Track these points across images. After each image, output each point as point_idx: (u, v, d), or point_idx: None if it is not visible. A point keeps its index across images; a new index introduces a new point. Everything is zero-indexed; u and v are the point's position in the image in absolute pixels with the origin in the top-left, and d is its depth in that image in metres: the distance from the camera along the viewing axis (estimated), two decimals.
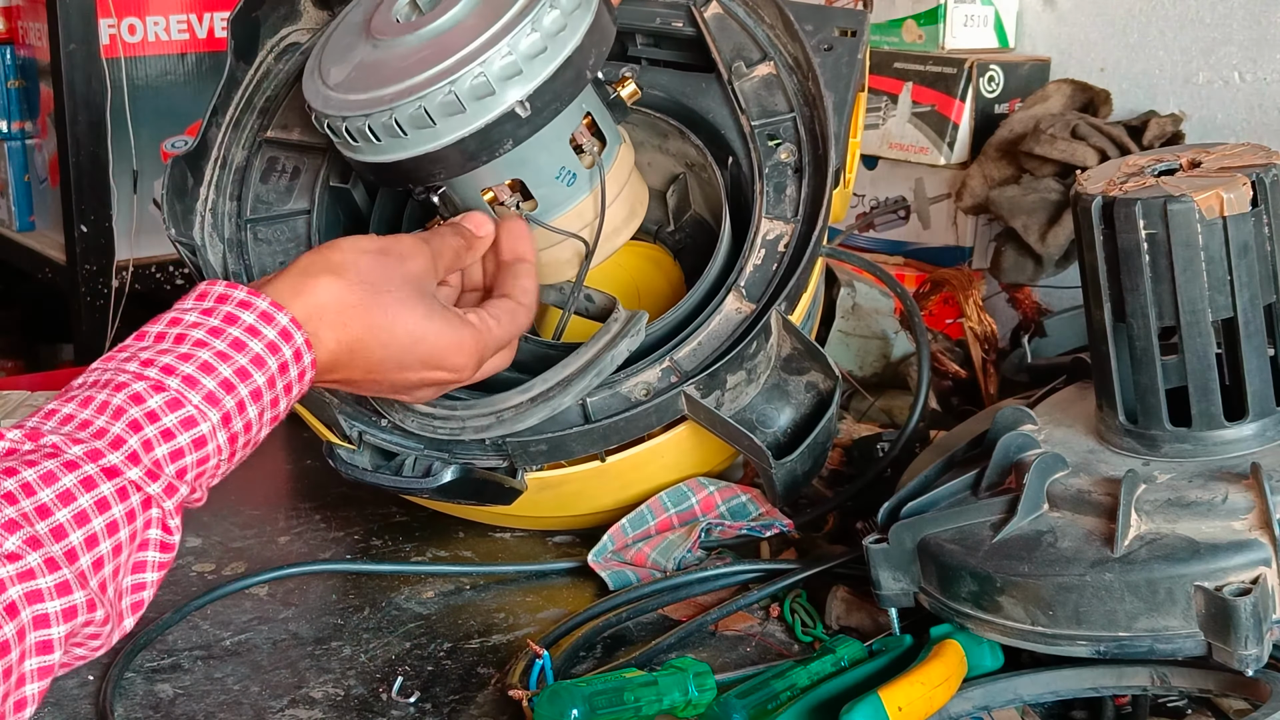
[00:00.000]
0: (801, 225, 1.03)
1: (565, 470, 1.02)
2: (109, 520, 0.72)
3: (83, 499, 0.72)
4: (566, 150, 0.98)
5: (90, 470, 0.72)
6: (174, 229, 1.05)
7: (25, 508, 0.70)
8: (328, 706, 0.89)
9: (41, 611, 0.68)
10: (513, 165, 0.96)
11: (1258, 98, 1.32)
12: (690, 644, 0.95)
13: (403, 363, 0.87)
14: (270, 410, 0.80)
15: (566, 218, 1.01)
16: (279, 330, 0.80)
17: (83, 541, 0.71)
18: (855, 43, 1.08)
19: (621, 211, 1.04)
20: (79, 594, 0.70)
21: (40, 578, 0.69)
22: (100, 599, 0.72)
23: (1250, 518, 0.80)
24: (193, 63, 2.38)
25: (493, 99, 0.91)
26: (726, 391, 0.98)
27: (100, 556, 0.72)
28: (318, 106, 0.95)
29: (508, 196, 0.98)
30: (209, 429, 0.77)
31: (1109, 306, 0.88)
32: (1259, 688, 0.80)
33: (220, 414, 0.77)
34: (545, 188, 0.98)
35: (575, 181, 0.99)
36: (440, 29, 0.93)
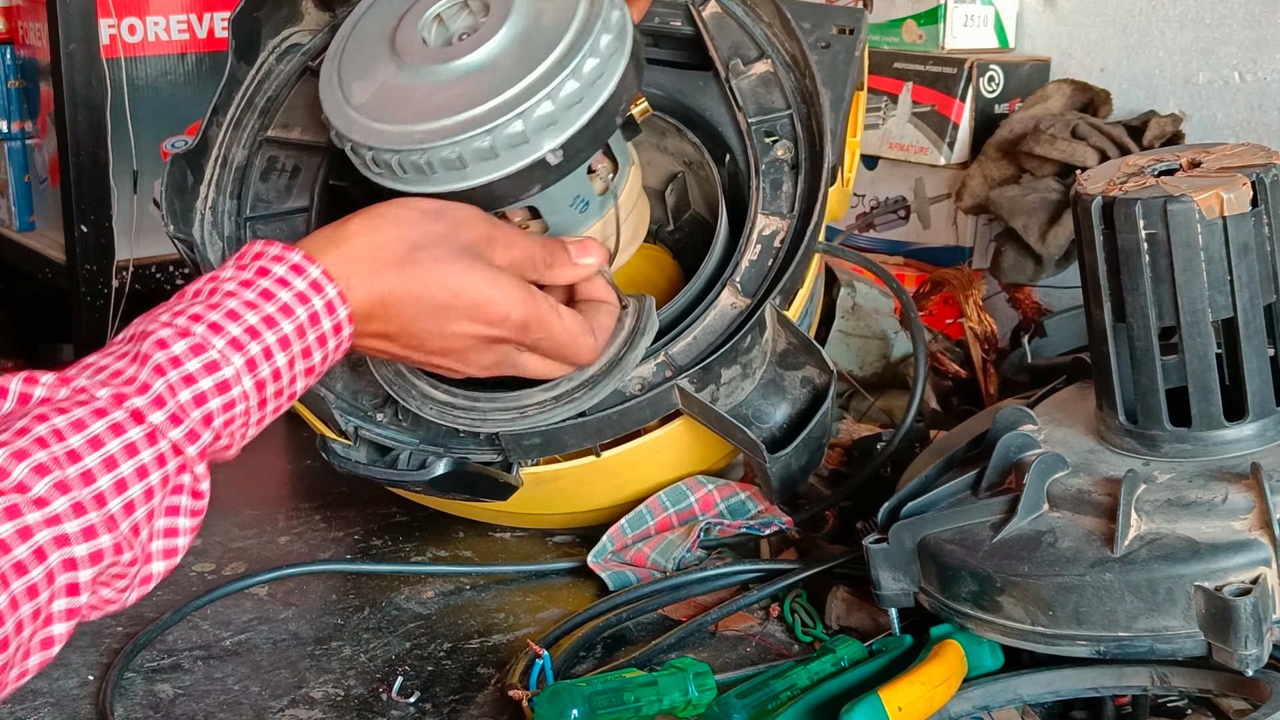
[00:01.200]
0: (797, 221, 1.03)
1: (560, 465, 1.02)
2: (138, 465, 0.73)
3: (111, 444, 0.72)
4: (583, 180, 0.97)
5: (119, 416, 0.73)
6: (173, 226, 1.05)
7: (56, 452, 0.71)
8: (328, 706, 0.89)
9: (69, 555, 0.69)
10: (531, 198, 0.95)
11: (1258, 98, 1.32)
12: (690, 644, 0.95)
13: (441, 317, 0.85)
14: (303, 360, 0.80)
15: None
16: (309, 282, 0.80)
17: (112, 485, 0.72)
18: (853, 40, 1.08)
19: (627, 233, 1.03)
20: (105, 538, 0.71)
21: (67, 522, 0.69)
22: (129, 541, 0.72)
23: (1250, 518, 0.80)
24: (193, 63, 2.38)
25: (526, 147, 0.90)
26: (721, 386, 0.98)
27: (130, 500, 0.73)
28: (341, 129, 0.94)
29: (519, 218, 0.97)
30: (232, 374, 0.77)
31: (1109, 306, 0.88)
32: (1259, 688, 0.80)
33: (245, 359, 0.77)
34: (559, 215, 0.97)
35: (588, 209, 0.98)
36: (474, 65, 0.91)
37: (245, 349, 0.78)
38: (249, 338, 0.78)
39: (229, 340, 0.77)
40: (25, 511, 0.68)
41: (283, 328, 0.79)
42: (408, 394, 0.99)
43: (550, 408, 0.97)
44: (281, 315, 0.79)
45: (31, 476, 0.69)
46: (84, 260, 2.35)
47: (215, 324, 0.77)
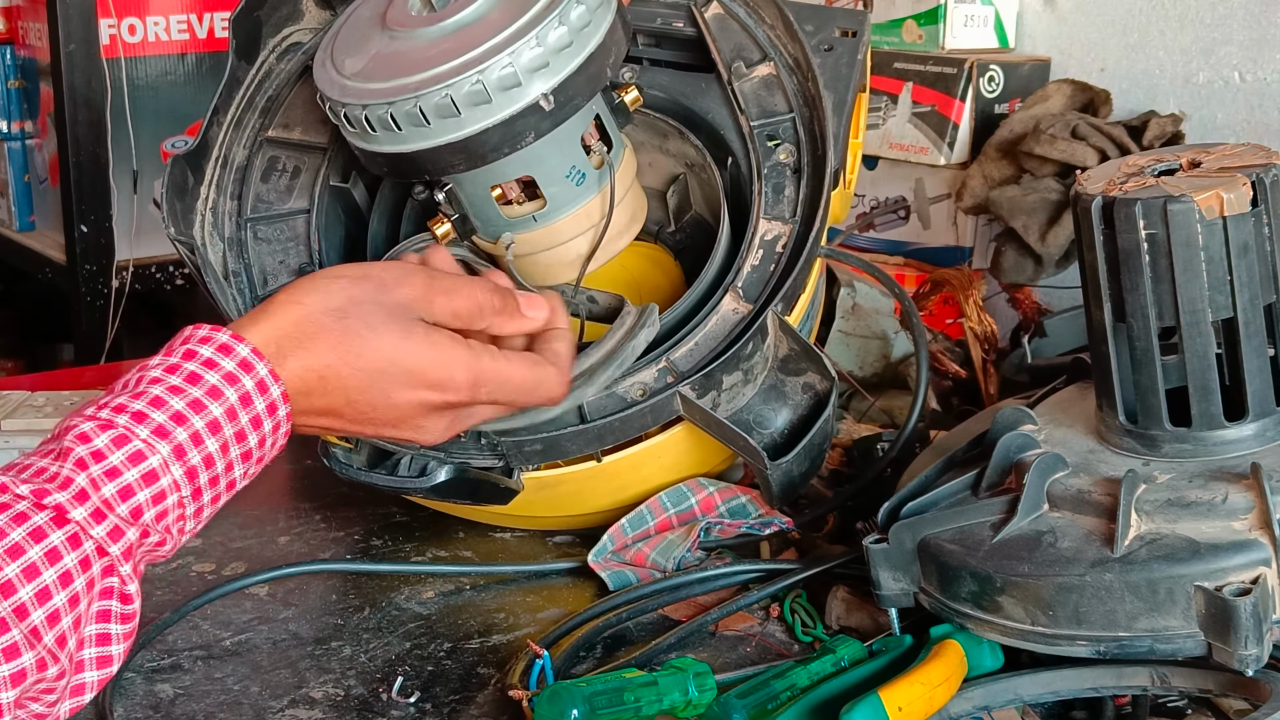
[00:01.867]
0: (799, 226, 1.03)
1: (561, 470, 1.02)
2: (61, 571, 0.69)
3: (32, 551, 0.69)
4: (578, 149, 0.98)
5: (40, 519, 0.70)
6: (173, 228, 1.05)
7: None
8: (328, 706, 0.89)
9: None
10: (527, 162, 0.96)
11: (1258, 98, 1.32)
12: (690, 644, 0.95)
13: (384, 387, 0.81)
14: (238, 445, 0.76)
15: (574, 217, 1.01)
16: (238, 361, 0.77)
17: (33, 596, 0.68)
18: (855, 43, 1.08)
19: (624, 216, 1.04)
20: (28, 655, 0.68)
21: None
22: (54, 655, 0.69)
23: (1250, 518, 0.80)
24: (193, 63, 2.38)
25: (518, 90, 0.91)
26: (723, 392, 0.98)
27: (55, 610, 0.69)
28: (334, 95, 0.95)
29: (515, 194, 0.98)
30: (159, 462, 0.73)
31: (1109, 306, 0.88)
32: (1259, 688, 0.80)
33: (171, 447, 0.73)
34: (555, 186, 0.98)
35: (584, 182, 1.00)
36: (464, 21, 0.93)
37: (171, 436, 0.73)
38: (175, 424, 0.74)
39: (154, 428, 0.73)
40: None
41: (211, 411, 0.75)
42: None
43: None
44: (209, 398, 0.75)
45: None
46: (84, 260, 2.35)
47: (139, 413, 0.73)
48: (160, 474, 0.73)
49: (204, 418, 0.75)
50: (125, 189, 2.36)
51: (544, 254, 1.02)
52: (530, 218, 0.99)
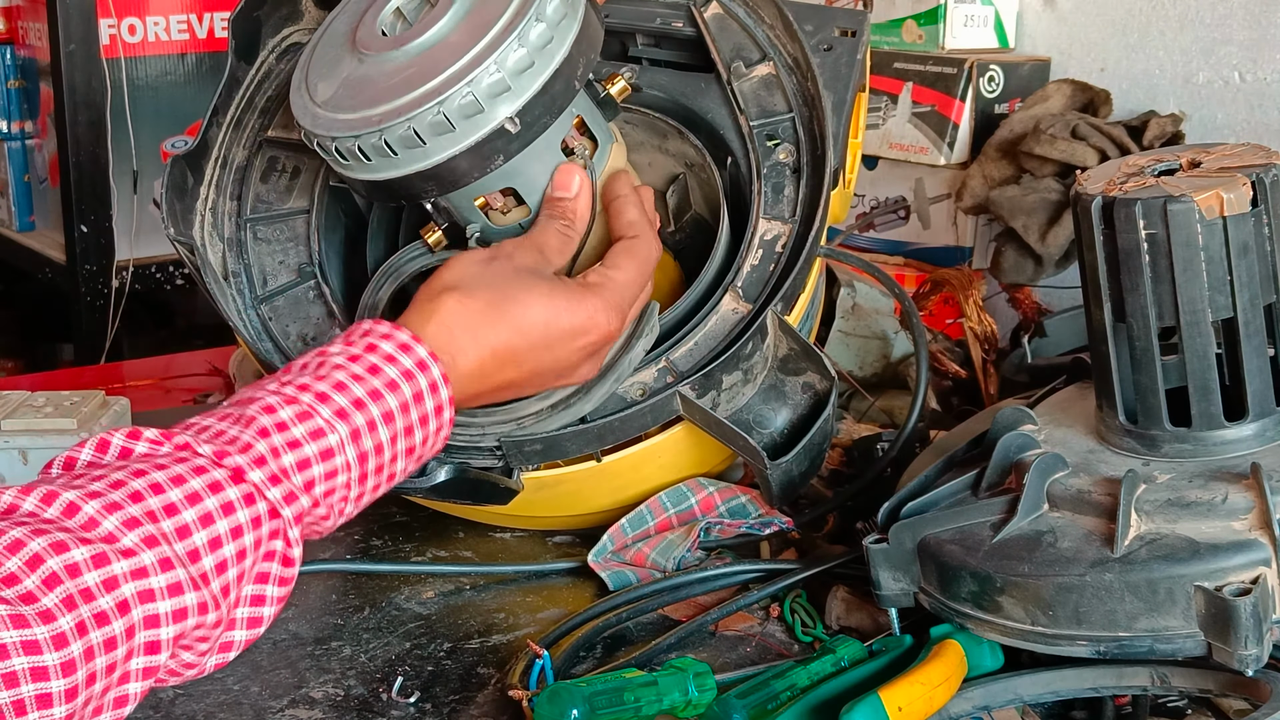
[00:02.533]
0: (799, 226, 1.03)
1: (561, 470, 1.02)
2: (234, 524, 0.73)
3: (208, 500, 0.72)
4: (558, 156, 0.97)
5: (219, 474, 0.73)
6: (173, 228, 1.05)
7: (151, 505, 0.71)
8: (328, 706, 0.89)
9: (153, 611, 0.69)
10: (505, 176, 0.95)
11: (1258, 98, 1.32)
12: (690, 644, 0.95)
13: (550, 345, 0.89)
14: (405, 439, 0.81)
15: None
16: (416, 361, 0.82)
17: (206, 543, 0.72)
18: (855, 43, 1.08)
19: None
20: (191, 595, 0.70)
21: (153, 576, 0.69)
22: (217, 601, 0.72)
23: (1250, 518, 0.80)
24: (193, 63, 2.39)
25: (482, 117, 0.90)
26: (723, 392, 0.98)
27: (223, 559, 0.72)
28: (306, 125, 0.95)
29: (500, 203, 0.97)
30: (336, 442, 0.78)
31: (1109, 306, 0.88)
32: (1259, 688, 0.80)
33: (349, 429, 0.78)
34: (538, 195, 0.97)
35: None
36: (426, 45, 0.92)
37: (350, 419, 0.79)
38: (355, 409, 0.79)
39: (335, 410, 0.78)
40: (112, 561, 0.68)
41: (388, 402, 0.80)
42: None
43: (546, 417, 0.97)
44: (388, 390, 0.81)
45: (121, 529, 0.69)
46: (84, 260, 2.35)
47: (322, 394, 0.79)
48: (336, 453, 0.78)
49: (380, 407, 0.80)
50: (125, 189, 2.36)
51: None
52: (518, 225, 0.98)
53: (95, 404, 1.20)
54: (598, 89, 1.02)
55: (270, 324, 1.06)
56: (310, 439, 0.77)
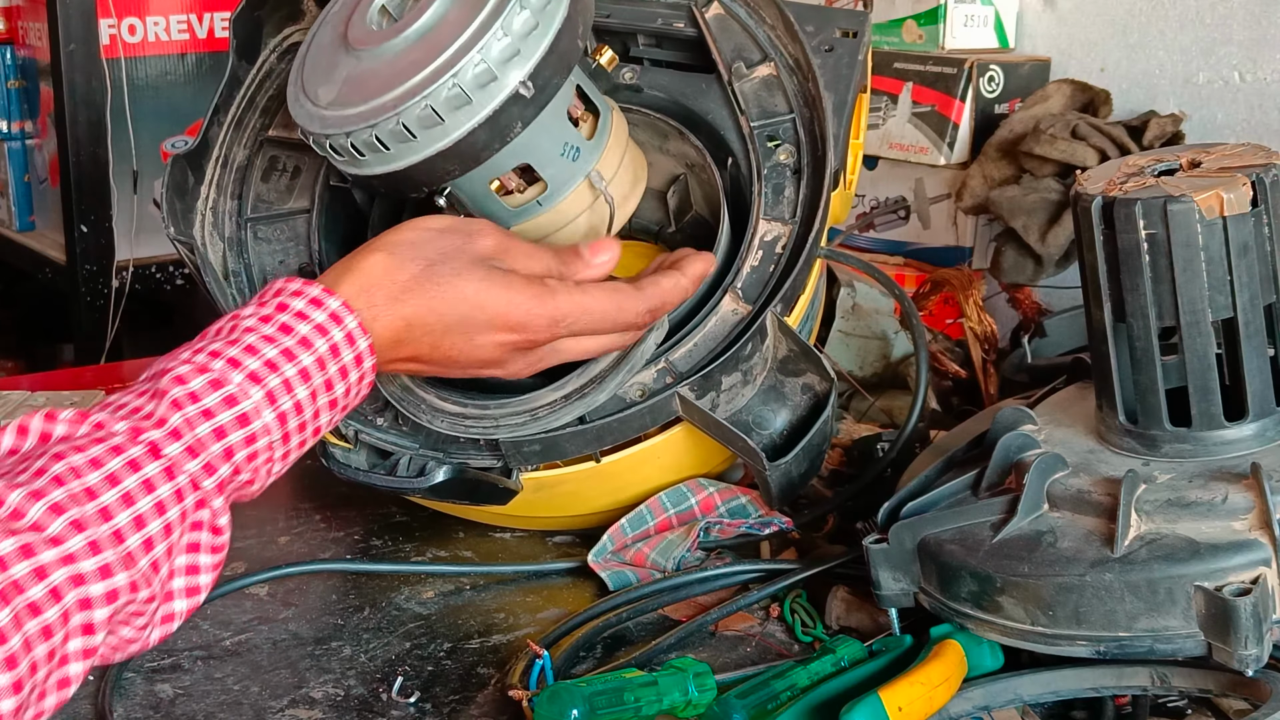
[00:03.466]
0: (799, 227, 1.03)
1: (561, 471, 1.02)
2: (155, 500, 0.73)
3: (128, 480, 0.73)
4: (566, 125, 0.97)
5: (135, 452, 0.74)
6: (173, 228, 1.05)
7: (73, 489, 0.71)
8: (328, 706, 0.89)
9: (84, 595, 0.69)
10: (518, 151, 0.95)
11: (1258, 98, 1.32)
12: (690, 644, 0.95)
13: (467, 330, 0.87)
14: (326, 393, 0.81)
15: (576, 194, 1.00)
16: (329, 314, 0.82)
17: (130, 522, 0.72)
18: (856, 44, 1.08)
19: (627, 177, 1.03)
20: (122, 576, 0.71)
21: (83, 560, 0.70)
22: (148, 579, 0.73)
23: (1250, 518, 0.80)
24: (193, 63, 2.38)
25: (496, 85, 0.90)
26: (722, 393, 0.98)
27: (149, 537, 0.73)
28: (315, 129, 0.94)
29: (515, 183, 0.98)
30: (251, 407, 0.77)
31: (1109, 306, 0.88)
32: (1259, 688, 0.80)
33: (264, 392, 0.78)
34: (552, 167, 0.97)
35: (579, 156, 0.98)
36: (425, 27, 0.92)
37: (264, 382, 0.78)
38: (268, 371, 0.79)
39: (248, 374, 0.78)
40: (40, 550, 0.68)
41: (302, 360, 0.80)
42: (417, 409, 0.99)
43: (561, 407, 0.97)
44: (300, 348, 0.80)
45: (48, 515, 0.69)
46: (84, 260, 2.35)
47: (233, 359, 0.78)
48: (252, 418, 0.78)
49: (295, 366, 0.80)
50: (125, 189, 2.36)
51: (554, 236, 1.01)
52: (534, 203, 0.99)
53: (95, 404, 1.20)
54: (588, 62, 1.02)
55: None
56: (224, 406, 0.77)
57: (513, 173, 0.97)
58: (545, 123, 0.95)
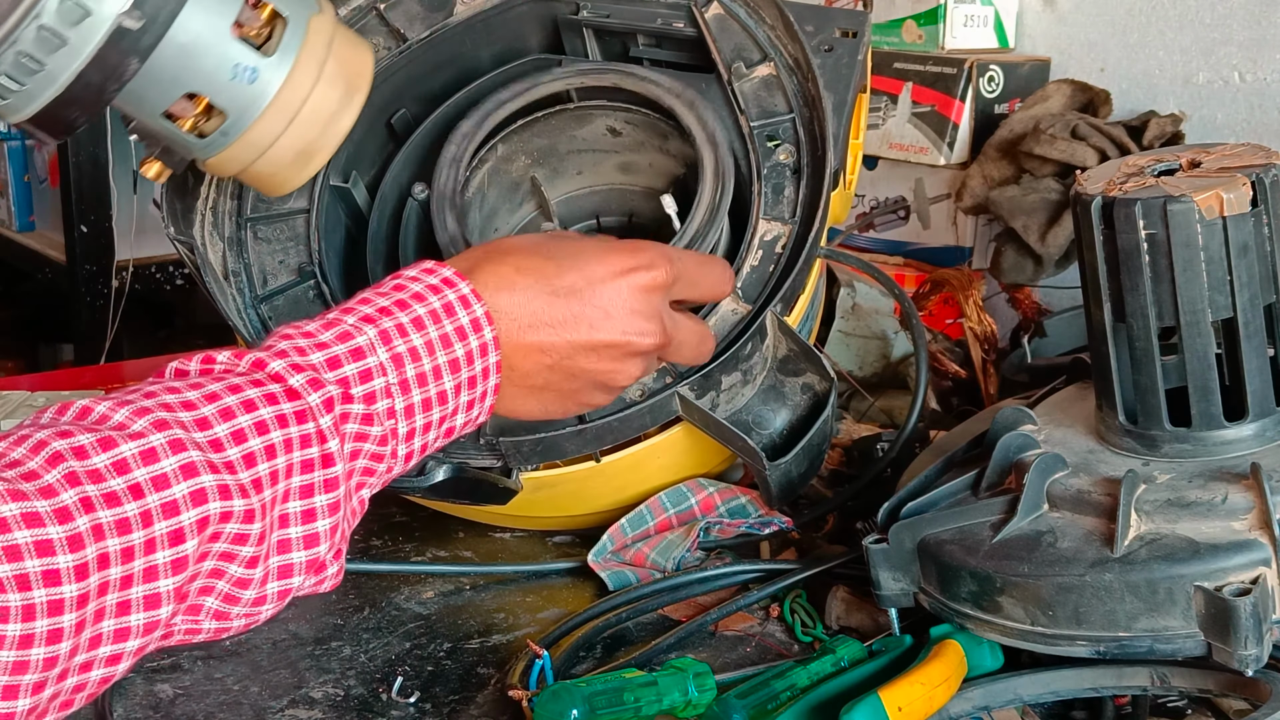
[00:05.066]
0: (799, 227, 1.03)
1: (560, 470, 1.02)
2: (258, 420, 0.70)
3: (231, 399, 0.70)
4: (231, 45, 0.86)
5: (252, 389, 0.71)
6: (173, 228, 1.05)
7: (172, 402, 0.69)
8: (328, 706, 0.89)
9: (169, 497, 0.66)
10: (171, 81, 0.85)
11: (1258, 98, 1.32)
12: (690, 644, 0.95)
13: (577, 263, 0.84)
14: (444, 350, 0.78)
15: (266, 119, 0.89)
16: (451, 288, 0.80)
17: (230, 434, 0.69)
18: (856, 44, 1.08)
19: (333, 93, 0.91)
20: (209, 477, 0.67)
21: (164, 459, 0.66)
22: (247, 490, 0.69)
23: (1250, 518, 0.80)
24: None
25: (91, 20, 0.79)
26: (722, 393, 0.98)
27: (251, 452, 0.70)
28: None
29: (190, 114, 0.88)
30: (365, 342, 0.76)
31: (1109, 306, 0.88)
32: (1259, 688, 0.80)
33: (377, 330, 0.76)
34: (224, 94, 0.87)
35: (258, 76, 0.88)
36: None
37: (377, 322, 0.77)
38: (381, 315, 0.77)
39: (360, 316, 0.77)
40: (120, 444, 0.65)
41: (415, 310, 0.78)
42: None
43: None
44: (414, 301, 0.79)
45: (132, 417, 0.67)
46: (84, 260, 2.35)
47: (341, 313, 0.77)
48: (367, 352, 0.75)
49: (408, 315, 0.78)
50: (125, 189, 2.36)
51: (256, 165, 0.92)
52: (219, 134, 0.89)
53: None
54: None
55: (270, 324, 1.06)
56: (338, 341, 0.75)
57: (186, 101, 0.87)
58: (194, 47, 0.84)
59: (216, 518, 0.67)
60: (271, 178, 0.93)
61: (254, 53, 0.87)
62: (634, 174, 1.16)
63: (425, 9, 1.14)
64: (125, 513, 0.64)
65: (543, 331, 0.83)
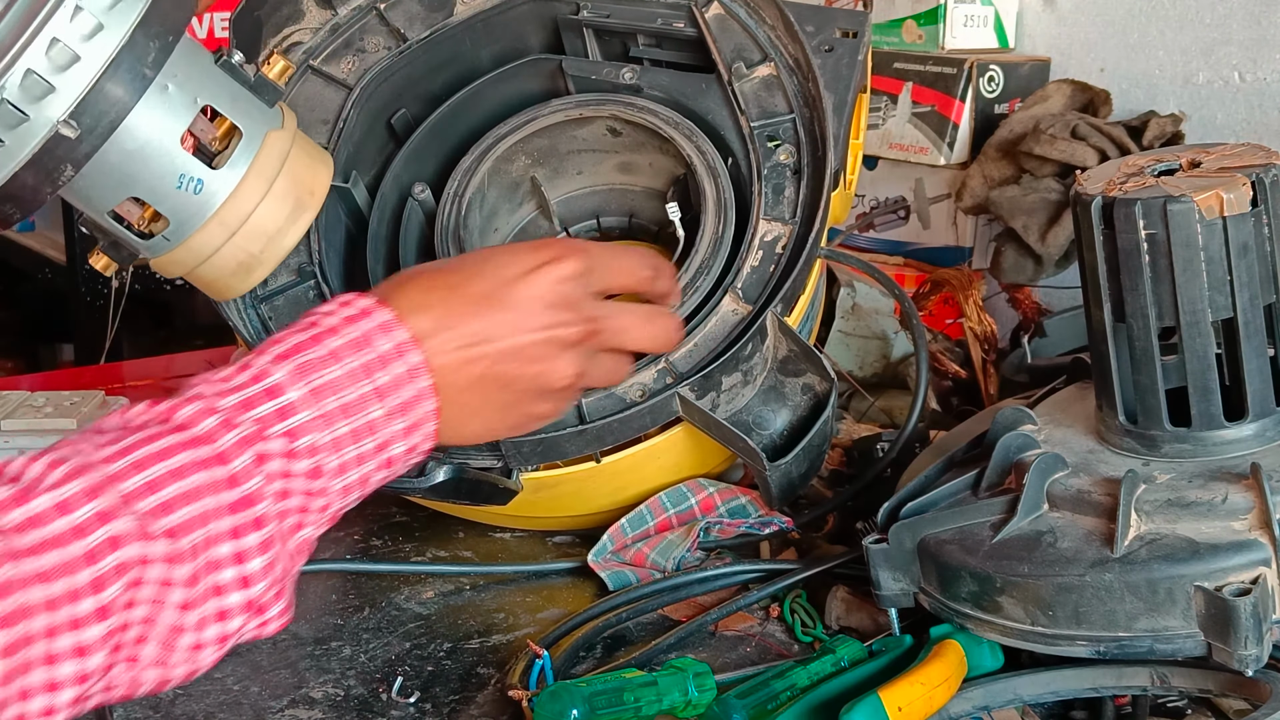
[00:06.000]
0: (799, 227, 1.03)
1: (560, 471, 1.02)
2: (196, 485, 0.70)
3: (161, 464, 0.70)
4: (179, 155, 0.85)
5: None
6: None
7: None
8: (328, 706, 0.89)
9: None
10: (117, 184, 0.85)
11: (1258, 98, 1.32)
12: (690, 644, 0.95)
13: (484, 270, 0.82)
14: (366, 378, 0.75)
15: (208, 229, 0.89)
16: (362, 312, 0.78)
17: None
18: (856, 44, 1.08)
19: (280, 210, 0.90)
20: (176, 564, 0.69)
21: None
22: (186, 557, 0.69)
23: (1250, 518, 0.80)
24: None
25: (28, 126, 0.79)
26: (722, 393, 0.98)
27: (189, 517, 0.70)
28: None
29: (135, 215, 0.89)
30: (282, 378, 0.74)
31: (1109, 306, 0.88)
32: (1259, 688, 0.80)
33: (292, 367, 0.74)
34: (168, 202, 0.87)
35: (204, 188, 0.87)
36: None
37: (291, 359, 0.75)
38: (294, 352, 0.75)
39: (271, 357, 0.75)
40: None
41: (329, 344, 0.76)
42: None
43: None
44: (328, 335, 0.77)
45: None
46: (84, 260, 2.35)
47: (250, 360, 0.75)
48: (285, 388, 0.74)
49: (325, 348, 0.75)
50: None
51: (201, 270, 0.92)
52: (162, 237, 0.89)
53: (95, 404, 1.20)
54: (244, 72, 0.89)
55: (270, 324, 1.06)
56: (252, 382, 0.74)
57: (133, 204, 0.88)
58: (141, 154, 0.84)
59: (136, 562, 0.67)
60: (213, 284, 0.94)
61: (202, 165, 0.87)
62: (634, 174, 1.16)
63: (425, 9, 1.14)
64: (43, 564, 0.64)
65: (466, 345, 0.80)
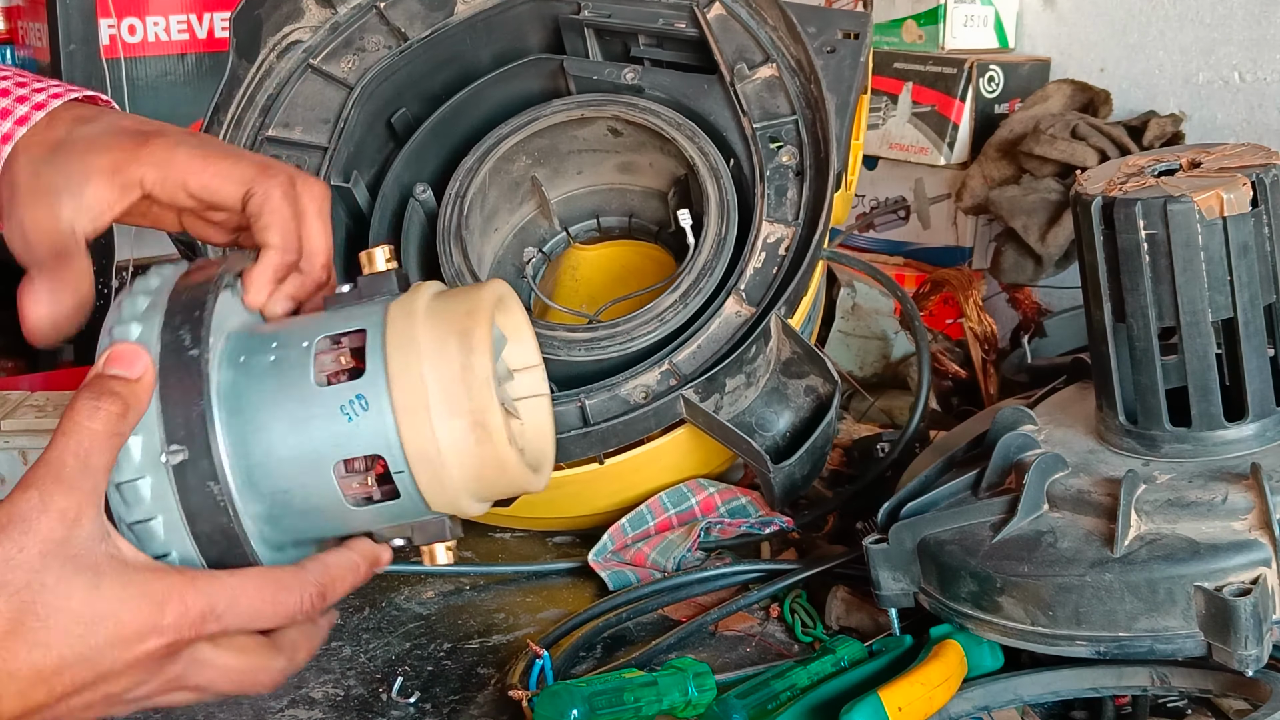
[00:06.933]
0: (802, 229, 1.03)
1: (564, 472, 1.02)
2: None
3: None
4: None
5: None
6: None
7: None
8: (328, 706, 0.89)
9: None
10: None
11: (1258, 98, 1.32)
12: (690, 644, 0.95)
13: (88, 655, 0.64)
14: None
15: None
16: None
17: None
18: (858, 45, 1.08)
19: (459, 425, 0.74)
20: None
21: None
22: None
23: (1250, 518, 0.80)
24: (193, 63, 2.38)
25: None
26: (725, 395, 0.98)
27: None
28: None
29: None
30: None
31: (1109, 306, 0.88)
32: (1259, 688, 0.80)
33: None
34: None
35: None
36: None
37: None
38: None
39: None
40: None
41: None
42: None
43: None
44: None
45: None
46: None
47: None
48: None
49: None
50: None
51: (485, 490, 0.80)
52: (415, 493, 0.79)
53: None
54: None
55: None
56: None
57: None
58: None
59: None
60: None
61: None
62: (634, 174, 1.16)
63: (426, 8, 1.14)
64: None
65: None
